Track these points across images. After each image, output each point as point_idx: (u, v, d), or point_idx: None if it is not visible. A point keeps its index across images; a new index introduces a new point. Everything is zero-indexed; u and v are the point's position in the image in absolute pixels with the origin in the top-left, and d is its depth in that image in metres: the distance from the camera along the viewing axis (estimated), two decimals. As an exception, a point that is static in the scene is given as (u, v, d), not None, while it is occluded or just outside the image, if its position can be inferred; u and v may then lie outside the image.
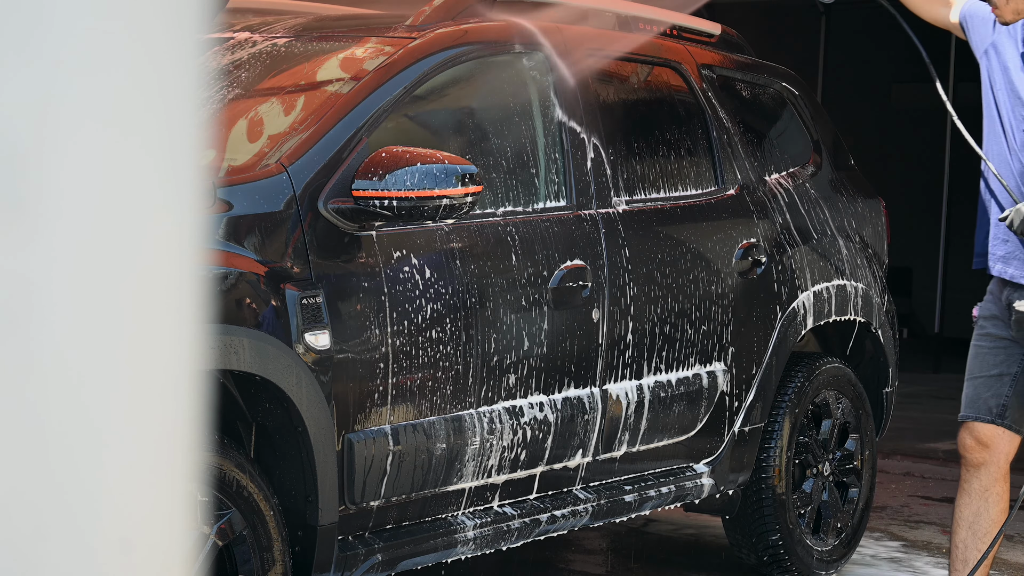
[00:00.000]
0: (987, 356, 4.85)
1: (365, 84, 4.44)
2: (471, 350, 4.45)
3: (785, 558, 5.67)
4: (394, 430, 4.27)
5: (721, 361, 5.34)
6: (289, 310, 4.00)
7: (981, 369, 4.87)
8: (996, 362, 4.83)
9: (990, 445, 4.83)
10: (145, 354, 1.29)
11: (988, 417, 4.83)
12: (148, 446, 1.29)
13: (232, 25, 4.95)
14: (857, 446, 5.94)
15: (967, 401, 4.89)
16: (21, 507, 1.24)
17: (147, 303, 1.28)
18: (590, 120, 5.02)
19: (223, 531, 3.93)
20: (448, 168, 4.18)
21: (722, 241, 5.38)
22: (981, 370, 4.87)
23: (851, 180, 6.22)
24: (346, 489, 4.17)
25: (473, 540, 4.54)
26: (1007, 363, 4.81)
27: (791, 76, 6.19)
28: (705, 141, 5.55)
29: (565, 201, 4.88)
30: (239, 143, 4.37)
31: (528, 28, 4.97)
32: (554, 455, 4.76)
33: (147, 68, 1.27)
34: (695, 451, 5.34)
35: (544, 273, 4.69)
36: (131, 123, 1.27)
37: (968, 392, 4.89)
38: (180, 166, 1.30)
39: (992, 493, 4.85)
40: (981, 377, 4.86)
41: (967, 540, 4.88)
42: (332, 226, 4.17)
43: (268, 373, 3.95)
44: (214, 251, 3.88)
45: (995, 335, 4.84)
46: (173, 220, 1.30)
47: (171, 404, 1.31)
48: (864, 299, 5.95)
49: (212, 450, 3.89)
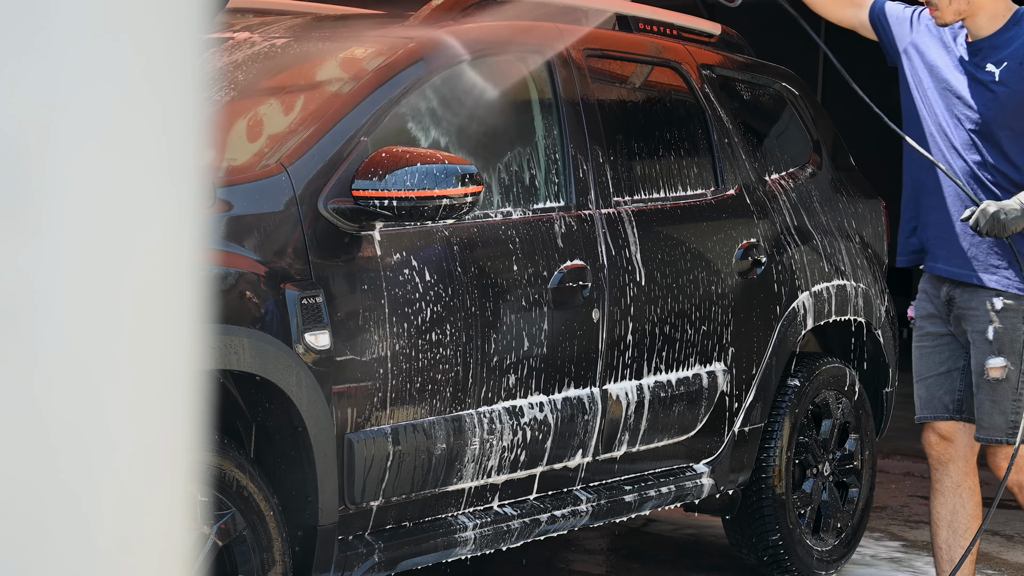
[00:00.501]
0: (932, 355, 4.90)
1: (365, 84, 4.44)
2: (471, 350, 4.45)
3: (785, 558, 5.67)
4: (394, 430, 4.27)
5: (721, 361, 5.34)
6: (289, 310, 4.00)
7: (929, 369, 4.91)
8: (942, 359, 4.88)
9: (953, 440, 4.88)
10: (145, 354, 1.29)
11: (947, 414, 4.89)
12: (148, 446, 1.29)
13: (232, 25, 4.95)
14: (857, 446, 5.94)
15: (922, 402, 4.93)
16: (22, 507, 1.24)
17: (147, 303, 1.28)
18: (590, 120, 5.02)
19: (223, 531, 3.93)
20: (448, 168, 4.18)
21: (722, 241, 5.38)
22: (929, 370, 4.91)
23: (851, 180, 6.22)
24: (346, 489, 4.17)
25: (473, 540, 4.54)
26: (953, 359, 4.86)
27: (791, 76, 6.19)
28: (705, 141, 5.55)
29: (565, 201, 4.88)
30: (239, 143, 4.37)
31: (528, 28, 4.97)
32: (554, 455, 4.76)
33: (147, 68, 1.27)
34: (695, 451, 5.34)
35: (544, 273, 4.69)
36: (131, 123, 1.27)
37: (921, 393, 4.93)
38: (180, 166, 1.30)
39: (965, 488, 4.90)
40: (931, 376, 4.90)
41: (949, 539, 4.91)
42: (332, 226, 4.17)
43: (268, 373, 3.95)
44: (214, 251, 3.88)
45: (935, 333, 4.88)
46: (173, 220, 1.30)
47: (171, 404, 1.31)
48: (864, 299, 5.95)
49: (212, 450, 3.89)
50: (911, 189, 4.87)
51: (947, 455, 4.90)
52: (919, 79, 4.81)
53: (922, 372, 4.93)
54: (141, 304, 1.28)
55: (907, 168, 4.90)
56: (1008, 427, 4.73)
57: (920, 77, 4.81)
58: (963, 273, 4.75)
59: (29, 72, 1.23)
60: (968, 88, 4.70)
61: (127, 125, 1.26)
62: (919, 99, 4.80)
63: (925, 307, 4.90)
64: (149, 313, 1.28)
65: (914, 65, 4.83)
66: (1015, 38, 4.68)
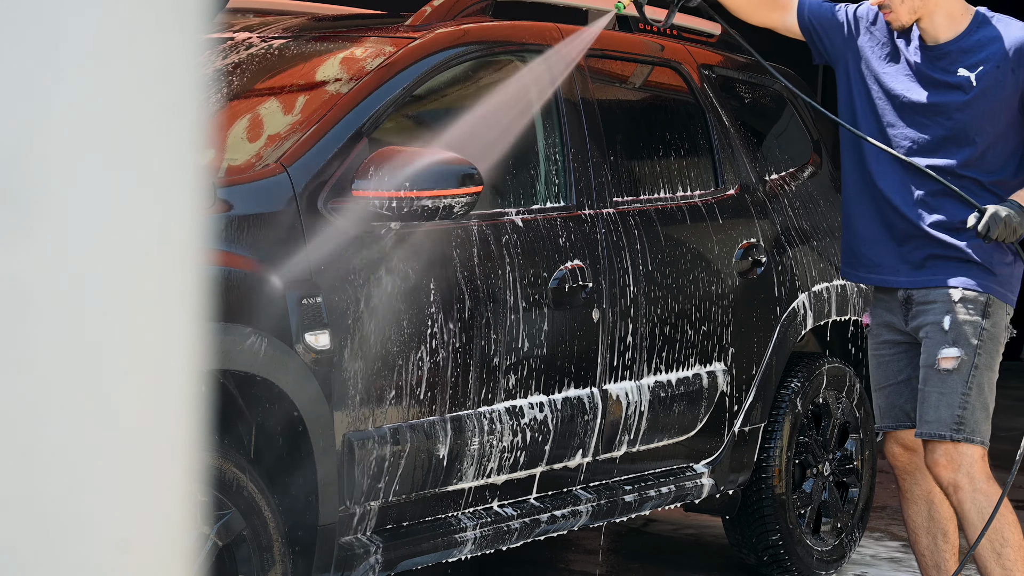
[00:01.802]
0: (890, 364, 4.77)
1: (365, 84, 4.44)
2: (471, 350, 4.45)
3: (785, 558, 5.67)
4: (394, 430, 4.27)
5: (721, 361, 5.34)
6: (289, 310, 4.00)
7: (887, 378, 4.78)
8: (901, 367, 4.75)
9: (917, 449, 4.76)
10: (145, 354, 1.28)
11: (908, 423, 4.76)
12: (148, 446, 1.29)
13: (232, 25, 4.95)
14: (857, 446, 5.94)
15: (882, 412, 4.82)
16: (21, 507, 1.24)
17: (147, 303, 1.28)
18: (590, 120, 5.02)
19: (223, 531, 3.93)
20: (448, 168, 4.18)
21: (722, 241, 5.38)
22: (888, 378, 4.78)
23: (851, 180, 6.22)
24: (346, 489, 4.17)
25: (473, 540, 4.54)
26: (912, 366, 4.72)
27: (791, 76, 6.19)
28: (705, 141, 5.55)
29: (565, 201, 4.88)
30: (239, 143, 4.37)
31: (528, 28, 4.97)
32: (554, 455, 4.76)
33: (147, 68, 1.27)
34: (695, 451, 5.34)
35: (544, 273, 4.69)
36: (131, 123, 1.27)
37: (881, 403, 4.82)
38: (180, 166, 1.30)
39: (936, 494, 4.78)
40: (890, 385, 4.78)
41: (930, 545, 4.82)
42: (332, 226, 4.17)
43: (268, 373, 3.95)
44: (214, 251, 3.88)
45: (892, 341, 4.76)
46: (173, 220, 1.30)
47: (171, 404, 1.31)
48: (864, 299, 5.95)
49: (212, 450, 3.89)
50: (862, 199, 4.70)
51: (912, 464, 4.79)
52: (863, 87, 4.67)
53: (880, 381, 4.81)
54: (141, 304, 1.28)
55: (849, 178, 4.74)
56: (953, 422, 4.54)
57: (866, 86, 4.67)
58: (919, 281, 4.63)
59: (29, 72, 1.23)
60: (934, 94, 4.57)
61: (127, 125, 1.26)
62: (865, 106, 4.66)
63: (880, 314, 4.77)
64: (149, 313, 1.28)
65: (856, 73, 4.69)
66: (987, 41, 4.55)
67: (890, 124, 4.65)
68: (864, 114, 4.69)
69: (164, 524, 1.31)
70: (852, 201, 4.75)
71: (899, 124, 4.64)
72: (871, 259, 4.72)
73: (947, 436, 4.55)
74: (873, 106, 4.67)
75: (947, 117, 4.58)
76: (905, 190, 4.62)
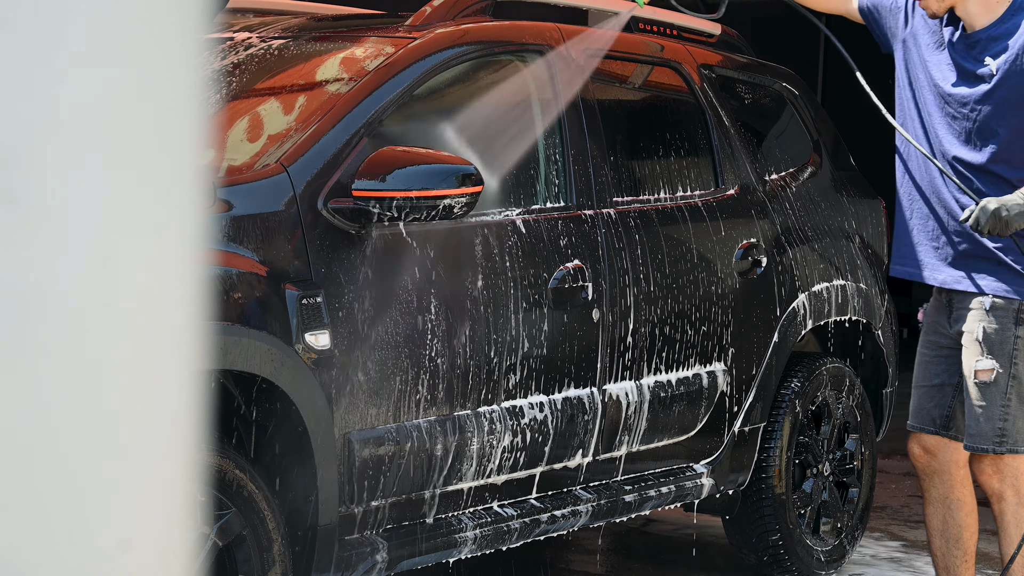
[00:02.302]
0: (929, 365, 4.77)
1: (365, 84, 4.44)
2: (471, 350, 4.45)
3: (785, 558, 5.67)
4: (394, 430, 4.27)
5: (721, 361, 5.34)
6: (289, 310, 4.00)
7: (924, 379, 4.79)
8: (937, 371, 4.75)
9: (936, 454, 4.77)
10: (145, 354, 1.29)
11: (932, 428, 4.77)
12: (148, 446, 1.29)
13: (232, 25, 4.95)
14: (857, 446, 5.94)
15: (913, 411, 4.83)
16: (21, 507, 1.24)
17: (147, 303, 1.28)
18: (590, 120, 5.02)
19: (223, 531, 3.93)
20: (448, 168, 4.18)
21: (722, 241, 5.38)
22: (924, 380, 4.79)
23: (851, 180, 6.22)
24: (346, 489, 4.17)
25: (473, 540, 4.54)
26: (948, 373, 4.72)
27: (791, 76, 6.19)
28: (705, 141, 5.55)
29: (565, 201, 4.88)
30: (239, 143, 4.37)
31: (528, 28, 4.97)
32: (554, 455, 4.76)
33: (147, 68, 1.27)
34: (695, 451, 5.34)
35: (544, 273, 4.69)
36: (131, 123, 1.27)
37: (914, 402, 4.83)
38: (180, 166, 1.30)
39: (952, 500, 4.78)
40: (924, 387, 4.79)
41: (943, 548, 4.84)
42: (332, 226, 4.17)
43: (268, 373, 3.95)
44: (214, 251, 3.88)
45: (936, 343, 4.75)
46: (173, 220, 1.30)
47: (171, 404, 1.31)
48: (864, 299, 5.95)
49: (212, 450, 3.89)
50: (914, 194, 4.71)
51: (931, 467, 4.80)
52: (915, 75, 4.65)
53: (918, 380, 4.82)
54: (141, 304, 1.28)
55: (899, 167, 4.75)
56: (995, 435, 4.59)
57: (916, 74, 4.65)
58: (953, 280, 4.63)
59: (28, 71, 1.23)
60: (964, 84, 4.53)
61: (127, 125, 1.26)
62: (912, 95, 4.65)
63: (931, 313, 4.78)
64: (149, 313, 1.28)
65: (910, 59, 4.67)
66: (1014, 28, 4.48)
67: (929, 114, 4.63)
68: (910, 103, 4.67)
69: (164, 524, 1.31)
70: (901, 194, 4.76)
71: (936, 114, 4.61)
72: (915, 256, 4.72)
73: (989, 449, 4.61)
74: (918, 94, 4.65)
75: (971, 108, 4.53)
76: (941, 185, 4.61)
